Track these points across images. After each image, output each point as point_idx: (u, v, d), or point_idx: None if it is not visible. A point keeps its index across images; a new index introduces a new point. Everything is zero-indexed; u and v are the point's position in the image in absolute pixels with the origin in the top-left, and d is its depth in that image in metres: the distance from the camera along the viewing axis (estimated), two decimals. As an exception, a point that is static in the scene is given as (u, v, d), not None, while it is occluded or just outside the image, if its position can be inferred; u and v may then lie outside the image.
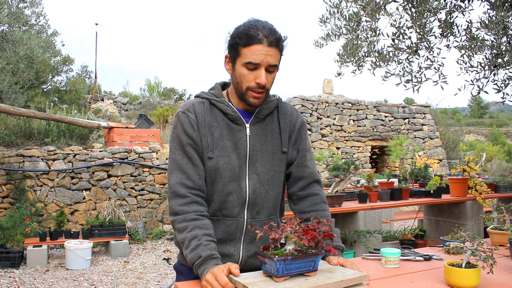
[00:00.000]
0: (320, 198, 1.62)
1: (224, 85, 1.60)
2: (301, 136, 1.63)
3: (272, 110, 1.56)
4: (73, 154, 6.57)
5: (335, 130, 10.66)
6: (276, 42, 1.40)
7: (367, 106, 11.14)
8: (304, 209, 1.60)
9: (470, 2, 2.96)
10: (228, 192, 1.48)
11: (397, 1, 3.01)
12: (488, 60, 3.04)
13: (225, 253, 1.49)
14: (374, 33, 3.11)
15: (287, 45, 1.47)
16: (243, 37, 1.39)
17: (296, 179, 1.61)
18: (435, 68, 2.93)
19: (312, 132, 10.34)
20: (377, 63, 3.19)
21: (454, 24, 3.02)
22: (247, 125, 1.51)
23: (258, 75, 1.41)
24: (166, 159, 7.03)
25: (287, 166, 1.61)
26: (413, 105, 12.07)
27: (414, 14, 2.96)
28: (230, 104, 1.51)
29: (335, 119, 10.69)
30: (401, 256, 1.70)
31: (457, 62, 3.02)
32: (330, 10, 3.09)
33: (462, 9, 2.96)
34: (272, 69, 1.43)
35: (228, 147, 1.48)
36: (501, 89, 3.05)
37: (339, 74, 3.35)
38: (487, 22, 2.69)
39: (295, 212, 1.63)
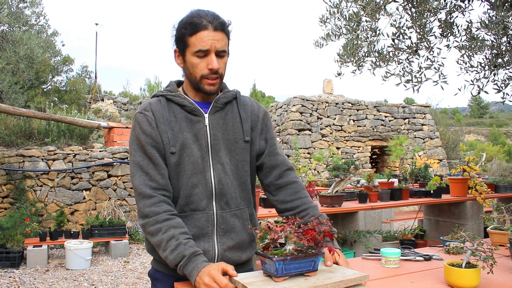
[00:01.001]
0: (300, 186, 1.60)
1: (179, 83, 1.59)
2: (267, 126, 1.61)
3: (230, 99, 1.54)
4: (73, 154, 6.57)
5: (335, 130, 10.66)
6: (221, 26, 1.42)
7: (367, 106, 11.14)
8: (285, 198, 1.57)
9: (470, 2, 2.95)
10: (193, 185, 1.45)
11: (397, 1, 3.01)
12: (488, 60, 3.03)
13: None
14: (374, 33, 3.11)
15: (232, 30, 1.48)
16: (188, 27, 1.40)
17: (270, 168, 1.59)
18: (435, 68, 2.93)
19: (312, 132, 10.34)
20: (377, 63, 3.19)
21: (454, 24, 3.02)
22: (206, 115, 1.49)
23: (210, 61, 1.41)
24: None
25: (256, 157, 1.59)
26: (413, 105, 12.07)
27: (414, 14, 2.96)
28: (187, 97, 1.50)
29: (335, 119, 10.69)
30: (401, 256, 1.70)
31: (457, 62, 3.02)
32: (330, 10, 3.09)
33: (462, 9, 2.96)
34: (222, 54, 1.43)
35: (189, 139, 1.46)
36: (501, 89, 3.05)
37: (339, 74, 3.35)
38: (487, 22, 2.69)
39: (276, 203, 1.60)
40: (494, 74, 3.07)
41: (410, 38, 3.06)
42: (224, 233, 1.48)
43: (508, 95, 3.11)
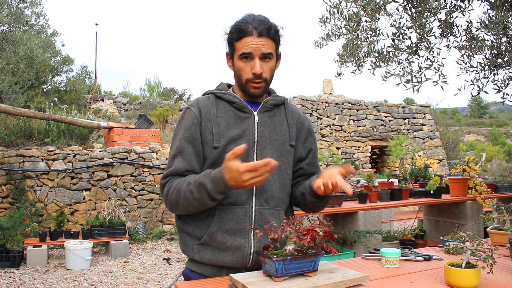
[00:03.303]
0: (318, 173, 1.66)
1: (229, 86, 1.64)
2: (312, 136, 1.67)
3: (279, 103, 1.60)
4: (73, 154, 6.57)
5: (335, 130, 10.66)
6: (267, 31, 1.45)
7: (367, 106, 11.14)
8: (301, 184, 1.62)
9: (470, 2, 2.96)
10: None
11: (397, 1, 3.01)
12: (488, 60, 3.04)
13: (236, 245, 1.44)
14: (374, 33, 3.11)
15: (283, 34, 1.52)
16: (235, 32, 1.47)
17: (304, 174, 1.64)
18: (435, 68, 2.93)
19: (312, 132, 10.34)
20: (377, 63, 3.19)
21: (454, 24, 3.02)
22: (255, 113, 1.53)
23: (253, 65, 1.46)
24: (166, 159, 7.03)
25: (295, 162, 1.62)
26: (413, 105, 12.07)
27: (414, 14, 2.96)
28: (236, 95, 1.55)
29: (335, 119, 10.69)
30: (401, 256, 1.70)
31: (457, 62, 3.03)
32: (330, 10, 3.09)
33: (462, 9, 2.96)
34: (266, 56, 1.47)
35: (235, 135, 1.49)
36: (501, 89, 3.06)
37: (339, 74, 3.35)
38: (487, 22, 2.69)
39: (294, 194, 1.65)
40: (494, 74, 3.08)
41: (410, 38, 3.06)
42: (262, 230, 1.48)
43: (508, 95, 3.11)
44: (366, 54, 3.20)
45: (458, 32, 3.01)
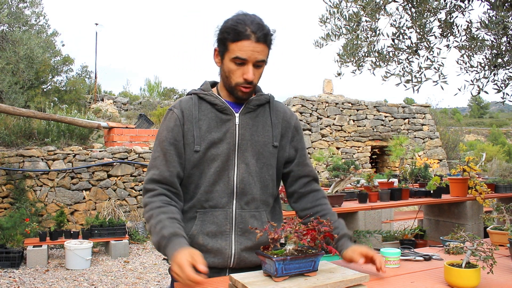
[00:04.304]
0: (321, 194, 1.64)
1: (214, 83, 1.61)
2: (299, 134, 1.63)
3: (263, 103, 1.56)
4: (73, 154, 6.57)
5: (335, 130, 10.66)
6: (264, 37, 1.41)
7: (367, 106, 11.14)
8: (306, 205, 1.61)
9: (470, 2, 2.96)
10: (214, 182, 1.47)
11: (397, 1, 3.01)
12: (488, 60, 3.04)
13: (216, 248, 1.46)
14: (374, 33, 3.11)
15: (275, 39, 1.48)
16: (231, 32, 1.40)
17: (297, 178, 1.62)
18: (435, 68, 2.93)
19: (312, 132, 10.34)
20: (377, 63, 3.19)
21: (454, 24, 3.02)
22: (237, 115, 1.50)
23: (246, 71, 1.42)
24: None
25: (284, 164, 1.60)
26: (413, 105, 12.06)
27: (414, 14, 2.96)
28: (219, 96, 1.52)
29: (335, 119, 10.69)
30: (401, 256, 1.70)
31: (457, 62, 3.03)
32: (330, 10, 3.09)
33: (462, 9, 2.96)
34: (259, 64, 1.44)
35: (216, 139, 1.47)
36: (501, 89, 3.06)
37: (339, 74, 3.35)
38: (487, 22, 2.69)
39: (297, 210, 1.64)
40: (494, 74, 3.08)
41: (410, 38, 3.06)
42: (242, 232, 1.49)
43: (508, 95, 3.12)
44: (366, 54, 3.20)
45: (458, 32, 3.01)
